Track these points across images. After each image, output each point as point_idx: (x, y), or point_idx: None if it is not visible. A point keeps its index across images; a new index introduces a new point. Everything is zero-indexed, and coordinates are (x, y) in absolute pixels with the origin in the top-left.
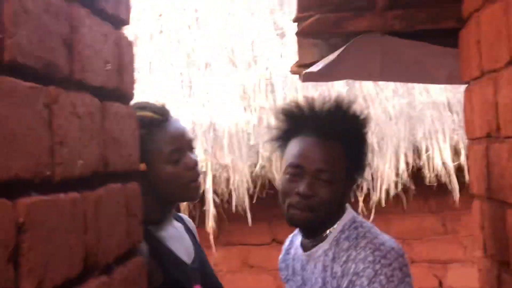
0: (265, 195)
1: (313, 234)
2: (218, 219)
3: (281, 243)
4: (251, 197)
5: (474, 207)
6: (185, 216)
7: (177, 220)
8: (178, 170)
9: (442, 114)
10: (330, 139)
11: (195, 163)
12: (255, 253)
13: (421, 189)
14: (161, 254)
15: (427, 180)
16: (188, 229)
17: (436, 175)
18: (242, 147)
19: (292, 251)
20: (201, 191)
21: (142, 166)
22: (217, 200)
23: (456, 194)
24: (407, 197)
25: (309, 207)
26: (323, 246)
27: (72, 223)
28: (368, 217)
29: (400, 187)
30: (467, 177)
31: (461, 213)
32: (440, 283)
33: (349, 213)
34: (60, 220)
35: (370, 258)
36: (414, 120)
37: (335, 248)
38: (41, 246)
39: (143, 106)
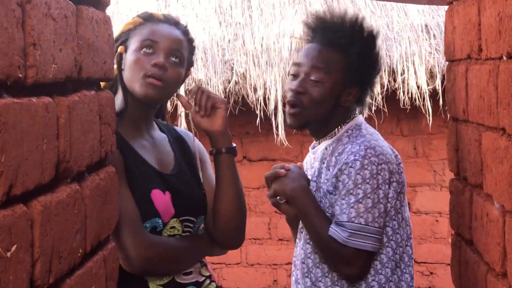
0: (237, 112)
1: (316, 135)
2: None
3: (252, 160)
4: None
5: (449, 129)
6: (182, 130)
7: (161, 130)
8: (142, 58)
9: (420, 37)
10: (331, 45)
11: (161, 63)
12: None
13: (394, 112)
14: (124, 150)
15: (401, 103)
16: (176, 140)
17: (410, 98)
18: (216, 62)
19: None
20: (158, 96)
21: (120, 49)
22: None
23: (429, 118)
24: (379, 119)
25: (298, 105)
26: (326, 142)
27: (45, 128)
28: None
29: (373, 108)
30: (441, 101)
31: (432, 137)
32: (409, 206)
33: (358, 118)
34: (32, 124)
35: (362, 153)
36: (391, 42)
37: (336, 144)
38: (12, 149)
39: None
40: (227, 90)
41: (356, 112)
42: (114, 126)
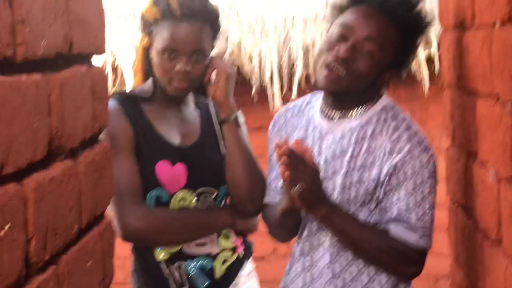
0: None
1: (341, 104)
2: None
3: (249, 130)
4: None
5: (445, 97)
6: None
7: (197, 106)
8: (166, 65)
9: None
10: (391, 16)
11: (182, 70)
12: None
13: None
14: (137, 121)
15: (403, 74)
16: (210, 117)
17: None
18: None
19: (309, 112)
20: (187, 92)
21: (146, 42)
22: None
23: (426, 84)
24: None
25: (342, 72)
26: (358, 119)
27: (36, 105)
28: None
29: None
30: (437, 67)
31: (429, 103)
32: None
33: (387, 98)
34: (23, 102)
35: (424, 145)
36: None
37: (376, 125)
38: (3, 127)
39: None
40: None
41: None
42: (107, 101)
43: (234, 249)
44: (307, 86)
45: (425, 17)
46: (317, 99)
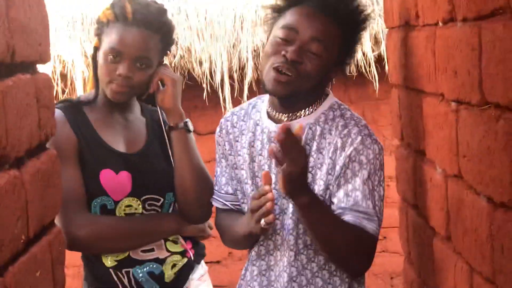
0: (184, 87)
1: (289, 106)
2: None
3: (201, 134)
4: None
5: (393, 96)
6: None
7: (142, 113)
8: (107, 66)
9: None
10: (331, 16)
11: (123, 75)
12: None
13: (340, 79)
14: (80, 129)
15: (347, 70)
16: (156, 124)
17: (356, 65)
18: None
19: (255, 115)
20: (124, 98)
21: (96, 42)
22: None
23: (376, 84)
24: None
25: (291, 74)
26: (306, 120)
27: None
28: None
29: None
30: (386, 67)
31: (380, 102)
32: None
33: (332, 97)
34: None
35: (374, 137)
36: None
37: (324, 124)
38: None
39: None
40: (173, 64)
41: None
42: (53, 108)
43: (183, 253)
44: (258, 89)
45: (363, 11)
46: (262, 101)
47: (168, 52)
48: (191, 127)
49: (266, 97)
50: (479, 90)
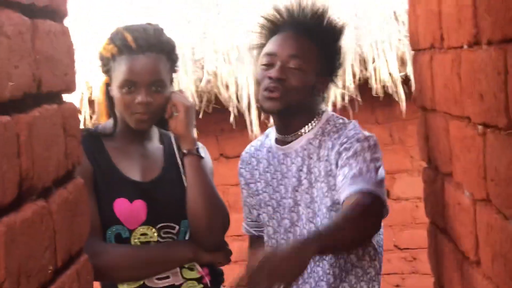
0: (211, 110)
1: (289, 125)
2: None
3: (229, 157)
4: (197, 112)
5: (419, 119)
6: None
7: (161, 140)
8: (125, 98)
9: (389, 24)
10: (304, 34)
11: (142, 102)
12: None
13: (367, 101)
14: (96, 158)
15: (373, 91)
16: (173, 151)
17: (383, 86)
18: (187, 62)
19: (268, 143)
20: (149, 125)
21: (106, 79)
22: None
23: (403, 105)
24: (354, 108)
25: (279, 90)
26: (307, 136)
27: (4, 147)
28: None
29: (347, 99)
30: (413, 87)
31: (407, 123)
32: (388, 193)
33: (330, 112)
34: None
35: (360, 136)
36: (360, 31)
37: (322, 137)
38: None
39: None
40: (199, 89)
41: (323, 108)
42: (79, 137)
43: (199, 279)
44: None
45: (334, 25)
46: (273, 130)
47: (176, 69)
48: (202, 154)
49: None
50: (506, 114)
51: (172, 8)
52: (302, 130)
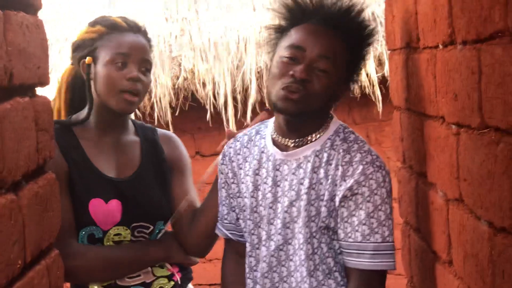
0: (188, 108)
1: (296, 130)
2: None
3: (204, 156)
4: (173, 110)
5: (395, 119)
6: (166, 132)
7: (136, 133)
8: (116, 74)
9: None
10: (336, 32)
11: (136, 76)
12: None
13: (345, 100)
14: (71, 154)
15: (350, 92)
16: (149, 144)
17: (360, 86)
18: (164, 59)
19: (260, 142)
20: (133, 109)
21: (88, 59)
22: (138, 113)
23: (380, 105)
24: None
25: (301, 92)
26: (313, 147)
27: None
28: None
29: None
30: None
31: (384, 124)
32: None
33: (337, 120)
34: None
35: (378, 163)
36: None
37: (330, 150)
38: None
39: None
40: (176, 86)
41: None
42: (52, 131)
43: (170, 277)
44: (261, 110)
45: (368, 26)
46: (266, 127)
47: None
48: (181, 148)
49: (270, 123)
50: (479, 114)
51: (150, 5)
52: (309, 138)
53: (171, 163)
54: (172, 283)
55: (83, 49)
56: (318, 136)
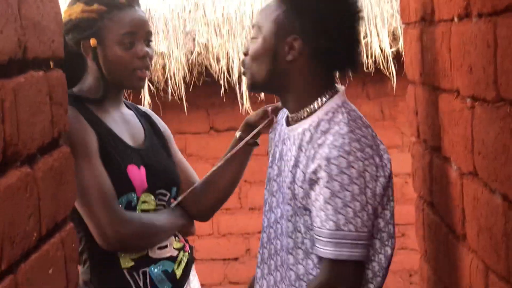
0: (202, 83)
1: (288, 105)
2: (154, 108)
3: (218, 131)
4: (187, 85)
5: (409, 93)
6: (142, 107)
7: (128, 107)
8: (126, 55)
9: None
10: (273, 2)
11: (145, 53)
12: (193, 142)
13: (358, 76)
14: (94, 123)
15: (364, 67)
16: (143, 117)
17: (374, 61)
18: (178, 34)
19: (282, 116)
20: (144, 84)
21: (92, 42)
22: (152, 88)
23: (394, 80)
24: (344, 83)
25: (244, 64)
26: (303, 124)
27: None
28: None
29: (337, 74)
30: (405, 62)
31: (398, 99)
32: None
33: (340, 97)
34: None
35: (347, 148)
36: None
37: (314, 130)
38: None
39: None
40: (190, 61)
41: (337, 86)
42: (66, 105)
43: (182, 248)
44: None
45: None
46: None
47: None
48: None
49: None
50: (494, 87)
51: None
52: (299, 115)
53: (163, 133)
54: (187, 254)
55: (83, 30)
56: (309, 111)
